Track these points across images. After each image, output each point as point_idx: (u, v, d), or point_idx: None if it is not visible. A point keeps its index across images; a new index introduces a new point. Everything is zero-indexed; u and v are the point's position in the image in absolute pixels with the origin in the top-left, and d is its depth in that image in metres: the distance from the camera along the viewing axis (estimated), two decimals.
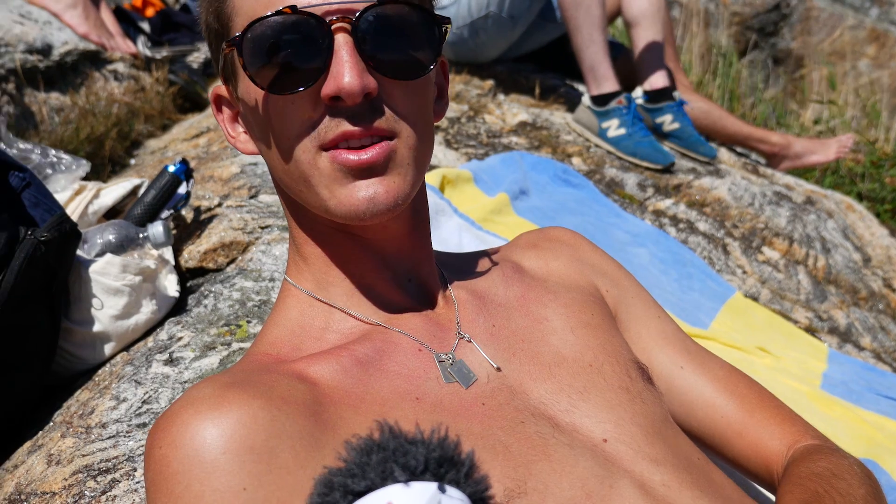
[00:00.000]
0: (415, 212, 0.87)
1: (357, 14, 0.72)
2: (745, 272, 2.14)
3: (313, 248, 0.86)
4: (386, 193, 0.75)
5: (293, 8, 0.71)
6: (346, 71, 0.71)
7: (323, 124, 0.74)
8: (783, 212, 2.48)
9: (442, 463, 0.47)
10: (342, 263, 0.85)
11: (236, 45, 0.74)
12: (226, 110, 0.86)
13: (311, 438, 0.70)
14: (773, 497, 0.91)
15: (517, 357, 0.84)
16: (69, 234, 1.22)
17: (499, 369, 0.83)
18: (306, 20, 0.72)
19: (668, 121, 2.65)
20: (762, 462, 0.90)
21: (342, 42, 0.72)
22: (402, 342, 0.82)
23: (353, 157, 0.73)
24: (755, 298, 2.04)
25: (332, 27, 0.72)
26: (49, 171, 1.43)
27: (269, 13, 0.72)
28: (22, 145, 1.43)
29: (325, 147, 0.74)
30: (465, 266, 0.98)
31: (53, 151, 1.41)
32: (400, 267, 0.86)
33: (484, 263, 0.98)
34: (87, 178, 1.59)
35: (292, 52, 0.73)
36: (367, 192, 0.74)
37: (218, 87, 0.85)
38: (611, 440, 0.79)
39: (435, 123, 0.86)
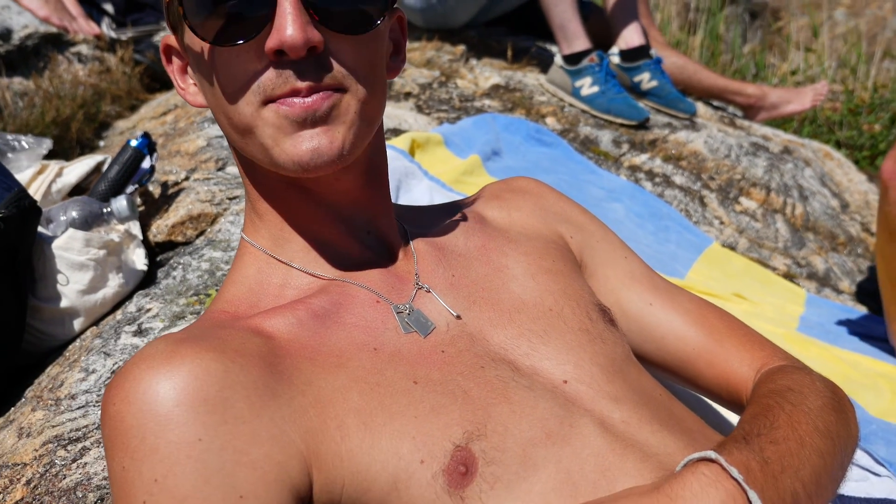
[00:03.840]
0: (371, 166, 0.86)
1: None
2: (722, 223, 2.14)
3: (267, 205, 0.84)
4: (330, 144, 0.73)
5: None
6: (288, 24, 0.69)
7: (268, 78, 0.72)
8: (760, 162, 2.47)
9: None
10: (297, 219, 0.84)
11: None
12: (175, 61, 0.84)
13: (266, 388, 0.69)
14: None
15: (477, 305, 0.84)
16: (28, 210, 1.20)
17: (458, 317, 0.82)
18: None
19: (645, 79, 2.63)
20: (732, 389, 0.90)
21: None
22: (359, 294, 0.82)
23: (297, 101, 0.72)
24: (733, 248, 2.04)
25: None
26: (10, 154, 1.41)
27: None
28: None
29: (272, 101, 0.73)
30: (425, 219, 0.97)
31: (11, 136, 1.39)
32: (357, 221, 0.85)
33: (445, 216, 0.97)
34: (49, 158, 1.57)
35: (235, 2, 0.71)
36: (310, 143, 0.73)
37: (167, 37, 0.83)
38: (571, 381, 0.79)
39: (389, 79, 0.85)
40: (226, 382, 0.68)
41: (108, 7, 2.74)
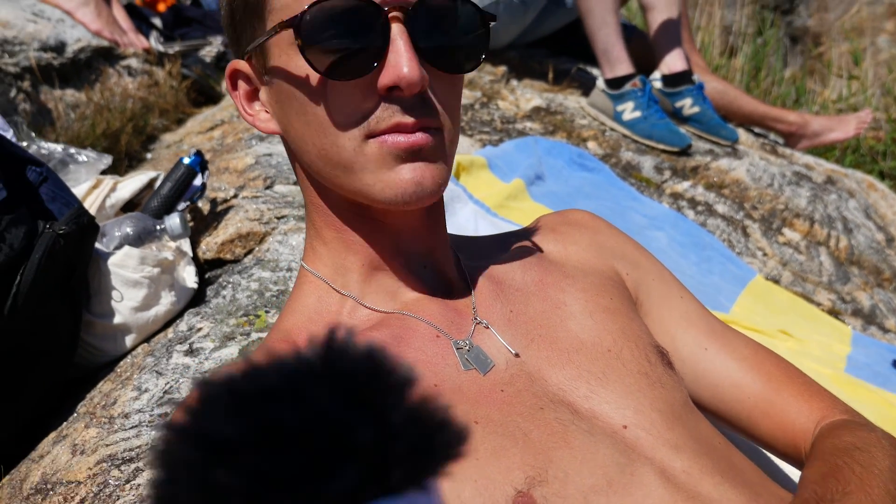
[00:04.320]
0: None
1: (411, 6, 0.72)
2: (765, 254, 2.12)
3: (332, 233, 0.85)
4: (432, 178, 0.76)
5: None
6: (405, 62, 0.71)
7: (375, 114, 0.74)
8: (803, 192, 2.45)
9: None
10: (359, 249, 0.84)
11: (294, 24, 0.73)
12: (242, 87, 0.84)
13: None
14: (797, 479, 0.90)
15: (535, 343, 0.84)
16: (87, 226, 1.23)
17: (517, 355, 0.82)
18: (365, 7, 0.71)
19: (687, 104, 2.62)
20: (790, 440, 0.89)
21: (398, 32, 0.72)
22: (419, 328, 0.82)
23: (402, 139, 0.73)
24: (776, 281, 2.02)
25: (389, 16, 0.72)
26: (71, 166, 1.44)
27: None
28: (44, 145, 1.44)
29: (374, 135, 0.74)
30: (481, 250, 0.97)
31: (74, 149, 1.42)
32: (415, 252, 0.86)
33: (501, 248, 0.97)
34: (104, 172, 1.59)
35: (349, 37, 0.72)
36: (413, 174, 0.74)
37: (236, 62, 0.83)
38: (630, 426, 0.78)
39: None
40: None
41: (157, 21, 2.79)
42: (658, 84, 2.64)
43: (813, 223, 2.32)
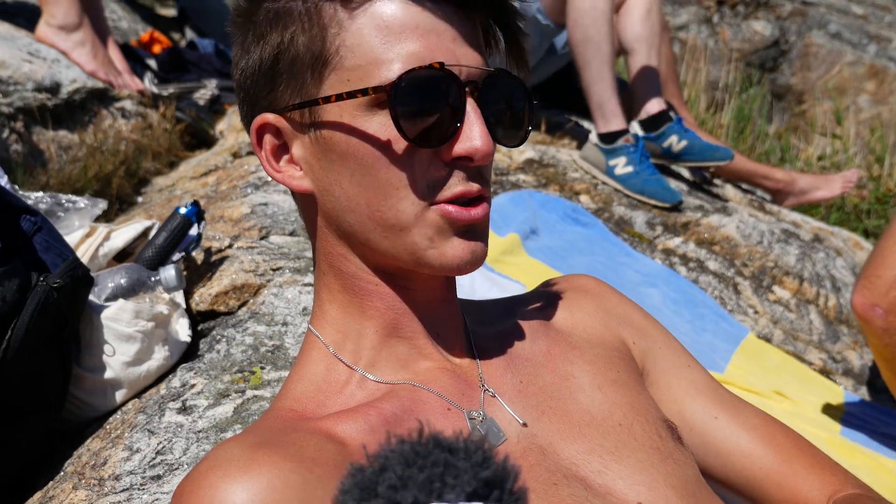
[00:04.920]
0: None
1: (482, 80, 0.76)
2: (756, 312, 2.13)
3: (350, 297, 0.83)
4: (482, 251, 0.80)
5: (441, 65, 0.74)
6: (479, 134, 0.74)
7: (442, 181, 0.76)
8: (792, 250, 2.47)
9: (490, 484, 0.44)
10: (377, 315, 0.83)
11: (390, 90, 0.73)
12: (269, 141, 0.81)
13: None
14: None
15: (546, 415, 0.83)
16: (81, 279, 1.20)
17: (525, 425, 0.81)
18: (448, 78, 0.74)
19: (674, 141, 2.62)
20: None
21: (472, 105, 0.75)
22: (430, 400, 0.80)
23: (464, 213, 0.76)
24: (768, 339, 2.02)
25: (465, 88, 0.75)
26: (60, 214, 1.41)
27: (420, 66, 0.73)
28: (32, 195, 1.42)
29: (438, 202, 0.76)
30: (489, 316, 0.96)
31: (65, 197, 1.39)
32: (432, 319, 0.85)
33: (508, 313, 0.96)
34: (101, 221, 1.57)
35: (432, 107, 0.74)
36: (468, 246, 0.77)
37: (266, 114, 0.79)
38: (645, 503, 0.77)
39: None
40: (304, 495, 0.66)
41: (152, 63, 2.79)
42: (639, 131, 2.63)
43: (802, 281, 2.33)
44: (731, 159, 2.59)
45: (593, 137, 2.54)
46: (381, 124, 0.75)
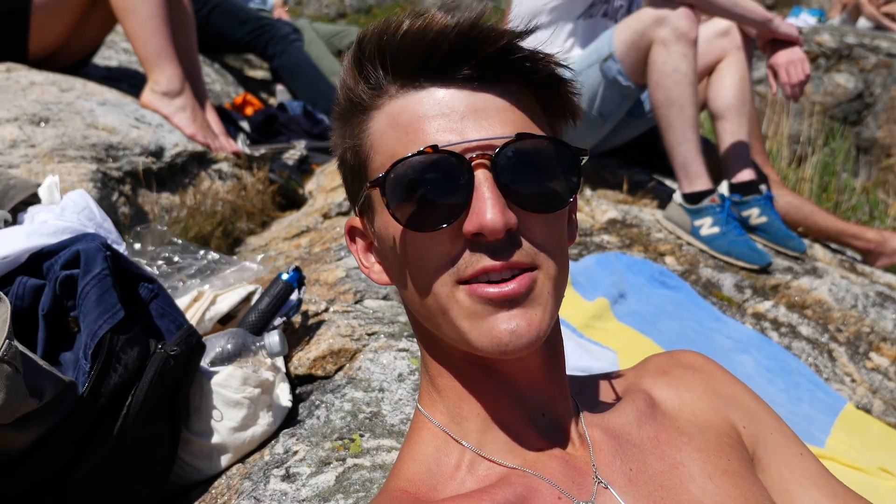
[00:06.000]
0: (551, 344, 0.86)
1: (496, 150, 0.74)
2: (853, 380, 2.05)
3: (447, 381, 0.85)
4: (528, 326, 0.74)
5: (434, 147, 0.73)
6: (488, 208, 0.72)
7: (462, 259, 0.74)
8: (888, 314, 2.38)
9: None
10: (476, 397, 0.84)
11: (379, 184, 0.76)
12: (359, 241, 0.88)
13: None
14: None
15: None
16: (195, 346, 1.25)
17: None
18: (447, 158, 0.73)
19: (754, 214, 2.60)
20: None
21: (483, 178, 0.73)
22: (541, 488, 0.80)
23: (492, 290, 0.73)
24: (867, 410, 1.94)
25: (473, 164, 0.73)
26: (221, 272, 1.51)
27: (411, 153, 0.74)
28: (199, 252, 1.53)
29: (463, 281, 0.75)
30: (595, 396, 0.96)
31: (216, 255, 1.50)
32: (533, 402, 0.84)
33: (612, 392, 0.96)
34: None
35: (433, 189, 0.74)
36: (508, 324, 0.74)
37: (352, 219, 0.87)
38: None
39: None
40: None
41: (244, 124, 2.92)
42: (725, 192, 2.61)
43: None
44: (804, 252, 2.55)
45: (677, 197, 2.52)
46: None
